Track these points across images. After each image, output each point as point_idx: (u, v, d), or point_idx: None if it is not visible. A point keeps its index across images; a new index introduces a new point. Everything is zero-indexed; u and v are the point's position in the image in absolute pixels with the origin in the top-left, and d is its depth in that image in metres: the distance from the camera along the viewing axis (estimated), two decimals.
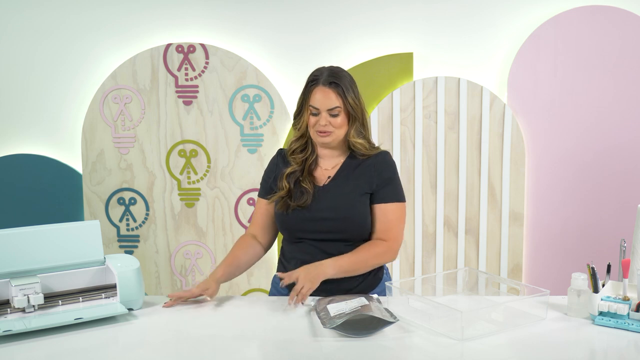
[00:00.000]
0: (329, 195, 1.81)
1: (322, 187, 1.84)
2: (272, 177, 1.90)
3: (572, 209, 2.99)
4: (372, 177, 1.81)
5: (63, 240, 1.66)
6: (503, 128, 2.93)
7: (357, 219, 1.79)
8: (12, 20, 3.06)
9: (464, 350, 1.40)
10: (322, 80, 1.78)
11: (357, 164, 1.84)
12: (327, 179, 1.85)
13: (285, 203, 1.82)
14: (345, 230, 1.79)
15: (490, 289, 1.81)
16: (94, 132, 3.07)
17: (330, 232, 1.79)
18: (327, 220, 1.79)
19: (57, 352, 1.42)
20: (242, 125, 3.04)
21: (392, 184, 1.82)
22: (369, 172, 1.81)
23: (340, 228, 1.79)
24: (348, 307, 1.54)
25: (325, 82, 1.77)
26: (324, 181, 1.85)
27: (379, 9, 2.98)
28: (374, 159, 1.84)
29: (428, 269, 3.04)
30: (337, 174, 1.84)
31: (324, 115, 1.77)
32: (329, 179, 1.84)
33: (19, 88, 3.11)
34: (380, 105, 2.96)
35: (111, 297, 1.68)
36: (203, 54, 3.00)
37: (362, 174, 1.82)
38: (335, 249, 1.79)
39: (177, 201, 3.10)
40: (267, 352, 1.45)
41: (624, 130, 2.92)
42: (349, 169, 1.84)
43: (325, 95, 1.76)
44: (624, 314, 1.50)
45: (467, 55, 2.97)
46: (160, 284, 3.15)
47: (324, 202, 1.81)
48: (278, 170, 1.89)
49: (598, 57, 2.89)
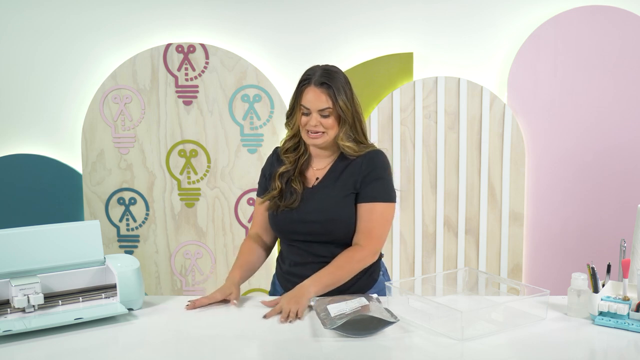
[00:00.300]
0: (316, 197, 1.80)
1: (310, 188, 1.82)
2: (267, 175, 1.90)
3: (572, 209, 2.99)
4: (358, 175, 1.77)
5: (63, 240, 1.66)
6: (503, 128, 2.93)
7: (344, 220, 1.77)
8: (12, 20, 3.06)
9: (464, 350, 1.40)
10: (314, 80, 1.74)
11: (346, 164, 1.81)
12: (315, 181, 1.83)
13: (275, 203, 1.82)
14: (333, 232, 1.77)
15: (490, 289, 1.81)
16: (94, 132, 3.07)
17: (318, 234, 1.78)
18: (314, 222, 1.77)
19: (57, 352, 1.42)
20: (242, 125, 3.04)
21: (379, 183, 1.77)
22: (356, 171, 1.78)
23: (327, 230, 1.77)
24: (348, 308, 1.54)
25: (317, 83, 1.73)
26: (313, 182, 1.84)
27: (379, 9, 2.98)
28: (363, 157, 1.79)
29: (428, 269, 3.04)
30: (326, 176, 1.82)
31: (314, 116, 1.74)
32: (317, 181, 1.83)
33: (19, 88, 3.11)
34: (380, 105, 2.96)
35: (111, 297, 1.68)
36: (203, 54, 3.00)
37: (350, 174, 1.79)
38: (325, 250, 1.78)
39: (177, 201, 3.10)
40: (267, 352, 1.45)
41: (624, 130, 2.92)
42: (337, 170, 1.81)
43: (316, 96, 1.73)
44: (624, 314, 1.50)
45: (467, 55, 2.97)
46: (160, 284, 3.15)
47: (311, 204, 1.79)
48: (273, 169, 1.88)
49: (598, 57, 2.89)
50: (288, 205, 1.79)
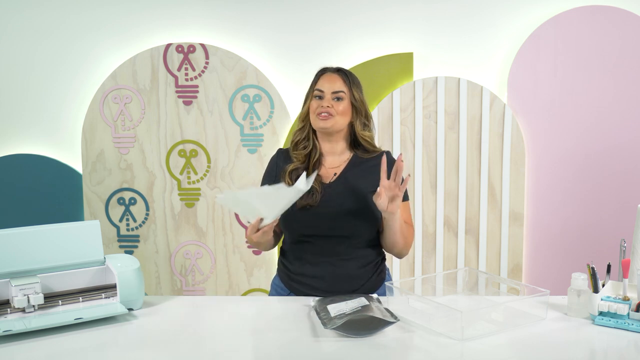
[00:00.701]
0: (338, 192, 1.79)
1: (328, 184, 1.81)
2: (272, 176, 1.88)
3: (572, 209, 2.99)
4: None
5: (63, 240, 1.66)
6: (503, 128, 2.93)
7: (368, 215, 1.77)
8: (12, 20, 3.06)
9: (464, 350, 1.40)
10: (331, 69, 1.86)
11: (361, 162, 1.83)
12: (333, 176, 1.83)
13: None
14: (354, 227, 1.77)
15: (490, 289, 1.81)
16: (94, 132, 3.07)
17: (339, 229, 1.77)
18: (337, 217, 1.76)
19: (57, 352, 1.42)
20: (242, 125, 3.04)
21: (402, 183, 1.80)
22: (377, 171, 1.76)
23: (349, 225, 1.76)
24: (348, 308, 1.54)
25: (333, 70, 1.85)
26: (330, 178, 1.83)
27: (379, 9, 2.98)
28: (379, 158, 1.81)
29: (428, 269, 3.04)
30: (345, 171, 1.83)
31: (327, 98, 1.79)
32: (335, 176, 1.83)
33: (19, 88, 3.11)
34: (380, 105, 2.96)
35: (111, 297, 1.68)
36: (203, 54, 3.00)
37: (370, 173, 1.80)
38: (342, 247, 1.78)
39: (177, 201, 3.10)
40: (267, 352, 1.45)
41: (624, 130, 2.92)
42: (355, 167, 1.83)
43: (332, 80, 1.82)
44: (624, 314, 1.50)
45: (467, 55, 2.97)
46: (160, 284, 3.15)
47: (334, 199, 1.78)
48: (278, 169, 1.87)
49: (598, 57, 2.89)
50: (309, 203, 1.77)
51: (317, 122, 1.80)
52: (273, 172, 1.89)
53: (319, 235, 1.79)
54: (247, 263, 3.11)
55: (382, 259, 1.89)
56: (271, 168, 1.91)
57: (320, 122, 1.79)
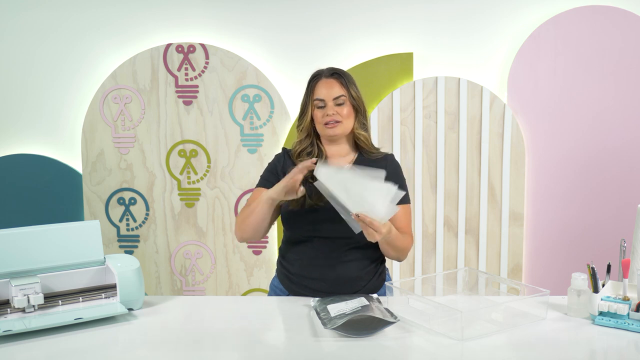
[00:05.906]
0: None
1: None
2: (275, 171, 1.86)
3: (572, 209, 2.99)
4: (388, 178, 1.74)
5: (63, 240, 1.66)
6: (503, 128, 2.93)
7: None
8: (12, 20, 3.06)
9: (464, 350, 1.40)
10: (324, 74, 1.83)
11: (366, 163, 1.82)
12: None
13: (297, 202, 1.77)
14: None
15: (490, 289, 1.81)
16: (94, 132, 3.07)
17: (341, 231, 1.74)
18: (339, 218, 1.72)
19: (57, 352, 1.42)
20: (242, 125, 3.04)
21: (404, 187, 1.80)
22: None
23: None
24: (348, 308, 1.54)
25: (328, 75, 1.83)
26: None
27: (379, 9, 2.98)
28: (384, 160, 1.84)
29: (428, 269, 3.04)
30: None
31: (330, 105, 1.78)
32: None
33: (19, 88, 3.11)
34: (380, 105, 2.96)
35: (111, 297, 1.68)
36: (203, 54, 3.00)
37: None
38: (343, 248, 1.78)
39: (177, 201, 3.10)
40: (267, 352, 1.44)
41: (624, 131, 2.92)
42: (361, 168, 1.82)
43: (329, 86, 1.80)
44: (624, 314, 1.50)
45: (467, 55, 2.97)
46: (160, 284, 3.15)
47: None
48: (285, 168, 1.83)
49: (598, 57, 2.89)
50: (317, 203, 1.77)
51: (326, 131, 1.80)
52: (276, 167, 1.87)
53: (321, 237, 1.79)
54: (247, 263, 3.11)
55: (383, 261, 1.89)
56: (275, 164, 1.89)
57: (329, 130, 1.79)
